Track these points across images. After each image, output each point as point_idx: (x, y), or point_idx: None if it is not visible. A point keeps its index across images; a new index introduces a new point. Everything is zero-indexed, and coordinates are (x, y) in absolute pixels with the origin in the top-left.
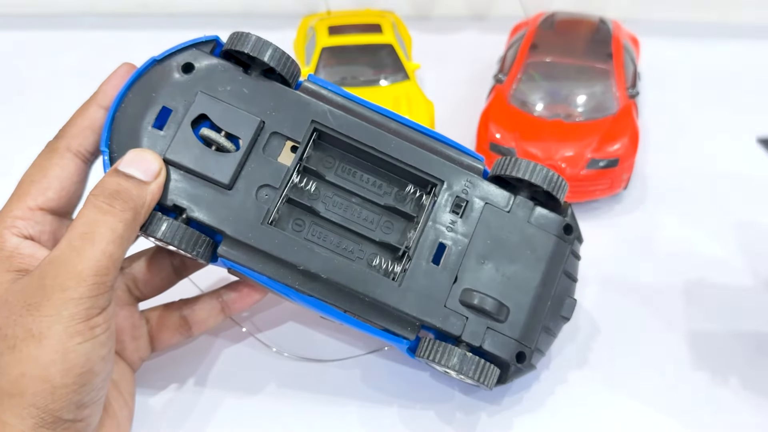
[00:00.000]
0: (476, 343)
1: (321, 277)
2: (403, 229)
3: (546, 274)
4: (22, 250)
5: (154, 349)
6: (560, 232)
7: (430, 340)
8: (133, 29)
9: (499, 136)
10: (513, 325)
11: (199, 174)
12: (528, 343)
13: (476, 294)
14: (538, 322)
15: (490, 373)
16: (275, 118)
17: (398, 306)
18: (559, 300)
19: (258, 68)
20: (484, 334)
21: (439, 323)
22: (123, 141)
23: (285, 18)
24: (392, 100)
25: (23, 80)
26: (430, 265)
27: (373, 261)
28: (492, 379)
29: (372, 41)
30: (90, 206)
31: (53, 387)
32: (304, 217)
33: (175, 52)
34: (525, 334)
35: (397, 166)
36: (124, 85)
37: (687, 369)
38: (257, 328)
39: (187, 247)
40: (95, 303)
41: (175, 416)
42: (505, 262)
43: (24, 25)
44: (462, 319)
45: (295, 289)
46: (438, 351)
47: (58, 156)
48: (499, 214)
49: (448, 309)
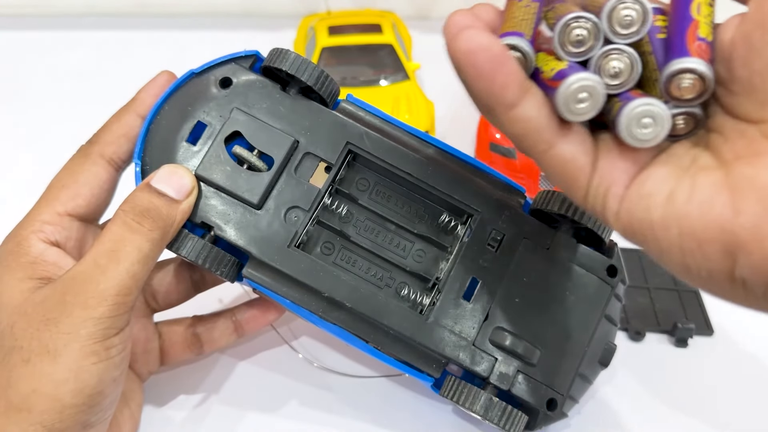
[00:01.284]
0: (504, 386)
1: (345, 306)
2: (435, 258)
3: (585, 318)
4: (46, 257)
5: (164, 363)
6: (603, 274)
7: (456, 381)
8: (133, 29)
9: (499, 136)
10: (545, 369)
11: (229, 192)
12: (560, 390)
13: (508, 334)
14: (573, 368)
15: (518, 420)
16: (310, 138)
17: (424, 342)
18: (598, 345)
19: (296, 86)
20: (514, 378)
21: (466, 363)
22: (156, 154)
23: (285, 18)
24: (392, 100)
25: (23, 80)
26: (460, 300)
27: (402, 291)
28: (519, 426)
29: (372, 41)
30: (119, 222)
31: (62, 406)
32: (333, 240)
33: (215, 65)
34: (558, 380)
35: (433, 194)
36: (162, 97)
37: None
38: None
39: (213, 267)
40: (114, 323)
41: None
42: (541, 302)
43: (24, 25)
44: (491, 360)
45: (319, 316)
46: (463, 393)
47: (91, 162)
48: (538, 251)
49: (477, 348)
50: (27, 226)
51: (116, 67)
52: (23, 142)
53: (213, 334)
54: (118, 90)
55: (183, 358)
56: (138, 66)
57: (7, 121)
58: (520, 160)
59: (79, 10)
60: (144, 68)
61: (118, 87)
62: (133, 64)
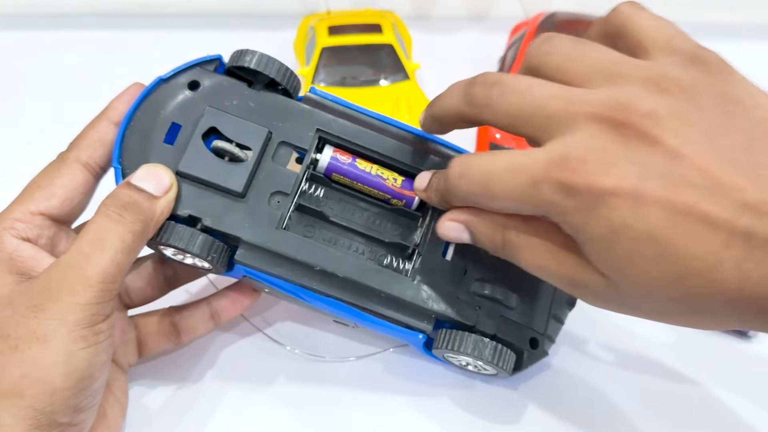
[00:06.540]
0: (491, 331)
1: (337, 276)
2: (408, 228)
3: None
4: (21, 252)
5: (142, 354)
6: None
7: (446, 331)
8: (133, 29)
9: (499, 136)
10: (523, 312)
11: (213, 184)
12: (539, 329)
13: (486, 284)
14: (547, 309)
15: (507, 357)
16: (282, 129)
17: (413, 300)
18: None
19: (261, 83)
20: (498, 322)
21: (453, 314)
22: (134, 156)
23: (285, 18)
24: (392, 100)
25: (23, 80)
26: (439, 259)
27: (383, 261)
28: (509, 363)
29: (372, 41)
30: (101, 215)
31: (53, 390)
32: (313, 223)
33: (181, 71)
34: (535, 320)
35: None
36: (133, 104)
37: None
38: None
39: (204, 254)
40: (100, 310)
41: (173, 415)
42: None
43: (24, 25)
44: (475, 309)
45: (313, 290)
46: (455, 339)
47: (67, 166)
48: None
49: (461, 300)
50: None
51: (116, 67)
52: (23, 141)
53: (190, 322)
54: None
55: (161, 348)
56: (138, 66)
57: (7, 121)
58: None
59: (79, 10)
60: (144, 68)
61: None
62: (133, 64)
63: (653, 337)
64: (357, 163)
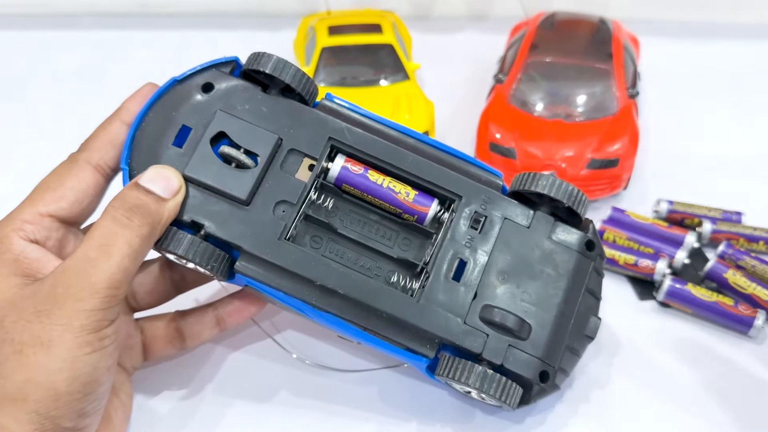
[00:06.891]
0: (497, 361)
1: (338, 293)
2: (420, 245)
3: (568, 291)
4: (28, 254)
5: (147, 358)
6: (582, 249)
7: (450, 358)
8: (133, 29)
9: (499, 136)
10: (535, 343)
11: (218, 190)
12: (551, 362)
13: (497, 310)
14: (562, 340)
15: (513, 391)
16: (293, 136)
17: (417, 322)
18: (583, 319)
19: (276, 87)
20: (506, 352)
21: (458, 340)
22: (143, 158)
23: (285, 18)
24: (392, 100)
25: (23, 80)
26: (449, 281)
27: (391, 278)
28: (515, 398)
29: (372, 41)
30: (108, 218)
31: (58, 394)
32: (321, 233)
33: (196, 72)
34: (548, 352)
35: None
36: (145, 105)
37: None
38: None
39: (203, 262)
40: (106, 315)
41: (178, 419)
42: (525, 278)
43: (24, 25)
44: (482, 337)
45: (312, 305)
46: (458, 369)
47: (78, 167)
48: (519, 230)
49: (468, 326)
50: (7, 224)
51: (116, 67)
52: (23, 141)
53: (195, 328)
54: (118, 90)
55: (166, 352)
56: (138, 66)
57: (7, 121)
58: (520, 161)
59: (79, 10)
60: (144, 68)
61: (118, 87)
62: (133, 64)
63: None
64: (369, 174)
